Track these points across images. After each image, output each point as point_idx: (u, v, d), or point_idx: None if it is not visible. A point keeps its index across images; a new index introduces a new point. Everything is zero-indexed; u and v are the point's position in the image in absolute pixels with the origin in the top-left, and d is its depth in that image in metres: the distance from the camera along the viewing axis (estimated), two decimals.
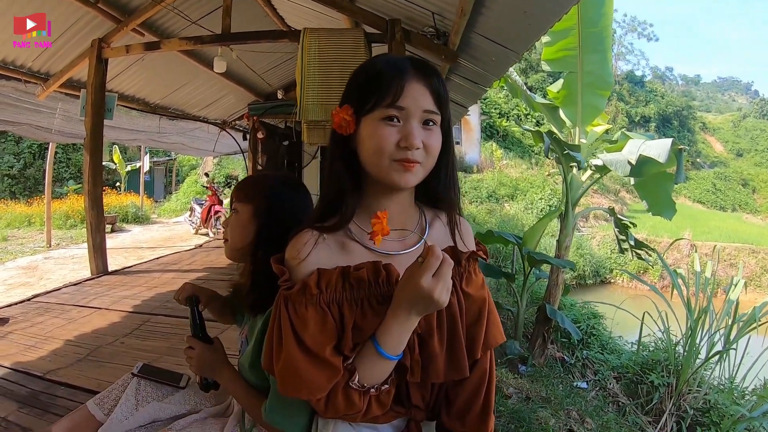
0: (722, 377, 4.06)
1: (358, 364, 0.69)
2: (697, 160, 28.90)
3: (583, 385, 4.10)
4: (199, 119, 7.09)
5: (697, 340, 3.91)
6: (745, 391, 3.91)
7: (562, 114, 4.87)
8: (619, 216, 4.67)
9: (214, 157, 15.15)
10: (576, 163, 4.47)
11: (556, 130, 4.97)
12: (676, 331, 4.19)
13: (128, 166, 15.00)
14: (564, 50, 4.46)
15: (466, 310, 0.77)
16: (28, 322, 2.92)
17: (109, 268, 4.40)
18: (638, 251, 4.64)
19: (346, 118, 0.71)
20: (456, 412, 0.79)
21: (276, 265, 0.73)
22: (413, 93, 0.69)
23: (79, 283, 3.96)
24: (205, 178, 11.16)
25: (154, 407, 1.15)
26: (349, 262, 0.72)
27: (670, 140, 3.59)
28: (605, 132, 5.24)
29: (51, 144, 7.72)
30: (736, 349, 3.99)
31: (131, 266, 4.83)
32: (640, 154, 3.61)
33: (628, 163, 3.70)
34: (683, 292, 4.17)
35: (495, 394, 0.82)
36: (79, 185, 12.27)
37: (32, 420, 1.71)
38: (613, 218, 4.68)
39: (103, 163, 5.37)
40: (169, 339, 2.60)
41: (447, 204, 0.80)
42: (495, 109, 20.34)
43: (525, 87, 5.16)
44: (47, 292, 3.65)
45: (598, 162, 4.26)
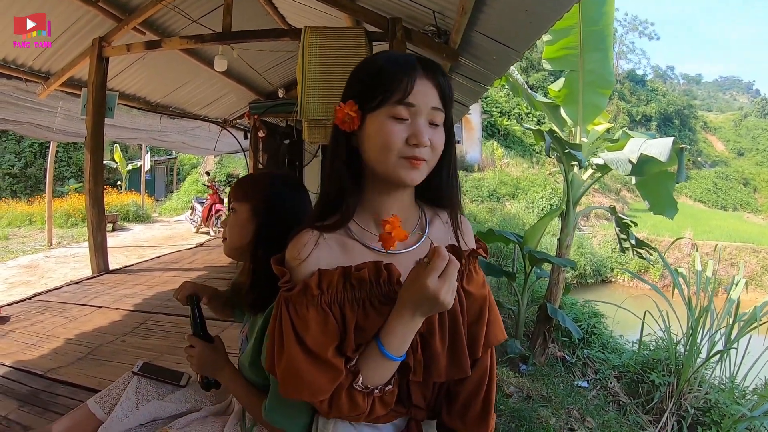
0: (723, 376, 4.07)
1: (362, 366, 0.68)
2: (698, 159, 28.83)
3: (584, 384, 4.11)
4: (200, 118, 7.09)
5: (698, 340, 3.91)
6: (746, 391, 3.91)
7: (563, 113, 4.86)
8: (620, 215, 4.67)
9: (215, 156, 15.18)
10: (577, 162, 4.47)
11: (557, 129, 4.96)
12: (677, 330, 4.20)
13: (129, 165, 15.05)
14: (565, 49, 4.45)
15: (468, 309, 0.76)
16: (29, 320, 2.91)
17: (110, 267, 4.40)
18: (639, 250, 4.64)
19: (351, 114, 0.69)
20: (457, 410, 0.79)
21: (276, 266, 0.72)
22: (422, 90, 0.68)
23: (80, 282, 3.96)
24: (206, 176, 11.16)
25: (155, 406, 1.15)
26: (350, 262, 0.71)
27: (672, 139, 3.58)
28: (606, 131, 5.23)
29: (52, 143, 7.72)
30: (737, 349, 3.99)
31: (132, 265, 4.83)
32: (642, 153, 3.61)
33: (630, 162, 3.70)
34: (684, 292, 4.17)
35: (496, 392, 0.82)
36: (80, 184, 12.29)
37: (33, 418, 1.71)
38: (614, 217, 4.69)
39: (104, 162, 5.39)
40: (170, 337, 2.60)
41: (449, 202, 0.79)
42: (496, 107, 20.29)
43: (526, 86, 5.15)
44: (48, 291, 3.65)
45: (599, 161, 4.26)
